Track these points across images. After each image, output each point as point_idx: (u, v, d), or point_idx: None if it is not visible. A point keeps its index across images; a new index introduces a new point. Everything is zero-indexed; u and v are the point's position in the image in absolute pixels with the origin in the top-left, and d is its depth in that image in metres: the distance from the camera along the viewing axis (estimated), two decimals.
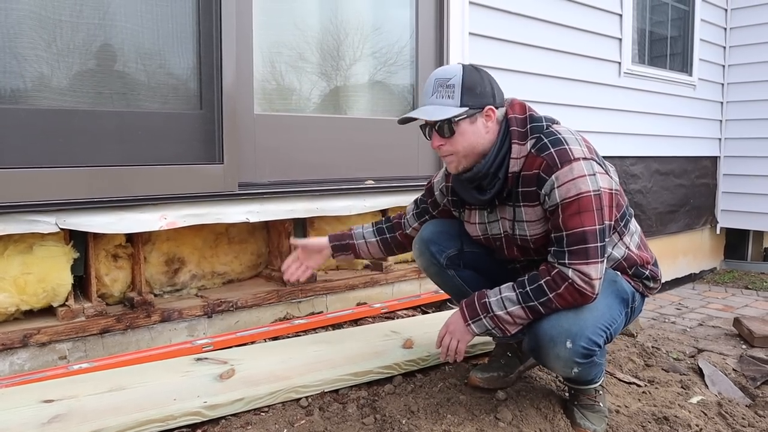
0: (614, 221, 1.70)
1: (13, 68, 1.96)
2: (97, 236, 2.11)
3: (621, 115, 4.62)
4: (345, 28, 2.90)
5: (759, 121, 5.56)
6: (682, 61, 5.35)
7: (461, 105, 1.63)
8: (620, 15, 4.47)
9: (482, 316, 1.67)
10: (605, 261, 1.64)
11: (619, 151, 4.63)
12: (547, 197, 1.62)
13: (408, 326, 2.37)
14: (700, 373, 2.36)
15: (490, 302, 1.67)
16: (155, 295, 2.34)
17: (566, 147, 1.62)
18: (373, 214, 2.87)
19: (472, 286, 1.86)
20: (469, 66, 1.68)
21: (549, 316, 1.62)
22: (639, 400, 2.03)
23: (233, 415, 1.68)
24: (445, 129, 1.66)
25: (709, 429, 1.89)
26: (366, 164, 2.88)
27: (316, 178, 2.70)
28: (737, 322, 3.25)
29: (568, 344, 1.59)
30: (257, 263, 2.70)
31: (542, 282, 1.61)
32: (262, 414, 1.71)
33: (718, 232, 5.92)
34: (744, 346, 2.97)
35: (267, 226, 2.69)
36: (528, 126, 1.68)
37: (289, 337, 2.28)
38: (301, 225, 2.62)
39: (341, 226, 2.77)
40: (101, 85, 2.14)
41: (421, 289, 2.96)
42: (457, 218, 1.93)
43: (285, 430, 1.64)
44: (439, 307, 2.78)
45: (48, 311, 2.08)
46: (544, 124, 1.69)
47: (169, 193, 2.20)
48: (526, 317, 1.64)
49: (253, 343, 2.20)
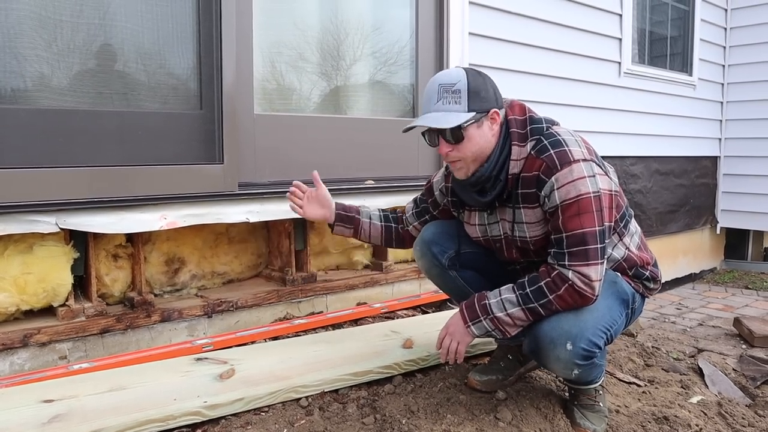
0: (614, 222, 1.70)
1: (13, 68, 1.97)
2: (97, 236, 2.12)
3: (621, 115, 4.62)
4: (345, 28, 2.90)
5: (759, 121, 5.56)
6: (682, 61, 5.35)
7: (469, 110, 1.60)
8: (620, 15, 4.47)
9: (482, 318, 1.67)
10: (605, 262, 1.64)
11: (619, 151, 4.63)
12: (546, 199, 1.61)
13: (408, 326, 2.37)
14: (700, 373, 2.36)
15: (490, 304, 1.66)
16: (155, 295, 2.34)
17: (566, 148, 1.61)
18: None
19: (474, 287, 1.85)
20: (471, 69, 1.67)
21: (549, 317, 1.62)
22: (639, 399, 2.03)
23: (233, 414, 1.68)
24: (454, 135, 1.62)
25: (709, 429, 1.89)
26: (366, 164, 2.89)
27: None
28: (737, 321, 3.25)
29: (569, 346, 1.58)
30: (257, 263, 2.70)
31: (542, 284, 1.61)
32: (262, 414, 1.71)
33: (718, 231, 5.92)
34: (744, 346, 2.97)
35: (267, 226, 2.69)
36: (528, 127, 1.67)
37: (289, 337, 2.28)
38: (301, 225, 2.62)
39: None
40: (101, 85, 2.14)
41: (421, 289, 2.96)
42: (458, 219, 1.93)
43: (285, 430, 1.64)
44: (439, 307, 2.78)
45: (48, 311, 2.08)
46: (544, 125, 1.68)
47: (169, 193, 2.20)
48: (527, 319, 1.64)
49: (253, 343, 2.20)
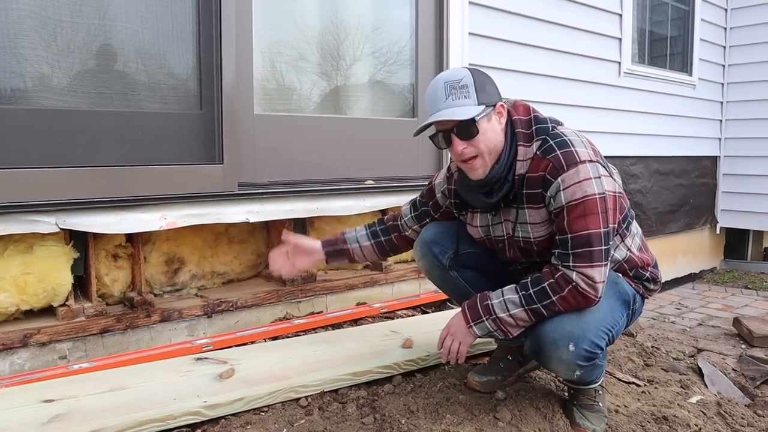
0: (617, 224, 1.69)
1: (13, 68, 1.97)
2: (97, 236, 2.12)
3: (621, 115, 4.62)
4: (345, 28, 2.90)
5: (759, 121, 5.55)
6: (682, 61, 5.35)
7: (479, 103, 1.60)
8: (620, 15, 4.47)
9: (484, 318, 1.66)
10: (609, 264, 1.63)
11: (619, 150, 4.63)
12: (552, 199, 1.61)
13: (407, 326, 2.37)
14: (700, 373, 2.36)
15: (492, 304, 1.66)
16: (155, 295, 2.34)
17: (572, 149, 1.60)
18: (373, 214, 2.87)
19: (475, 288, 1.85)
20: (471, 67, 1.67)
21: (551, 318, 1.61)
22: (638, 399, 2.03)
23: (233, 414, 1.69)
24: (469, 130, 1.60)
25: (709, 428, 1.89)
26: (366, 164, 2.89)
27: (315, 178, 2.70)
28: (737, 321, 3.25)
29: (571, 347, 1.58)
30: (257, 263, 2.70)
31: (546, 285, 1.60)
32: (261, 414, 1.71)
33: (718, 231, 5.92)
34: (743, 346, 2.97)
35: (267, 226, 2.69)
36: (533, 127, 1.67)
37: (288, 337, 2.28)
38: (300, 225, 2.62)
39: (341, 226, 2.77)
40: (101, 85, 2.14)
41: (420, 289, 2.97)
42: (458, 219, 1.92)
43: (284, 430, 1.64)
44: (439, 306, 2.78)
45: (48, 311, 2.08)
46: (550, 125, 1.68)
47: (169, 193, 2.20)
48: (529, 320, 1.63)
49: (252, 342, 2.20)
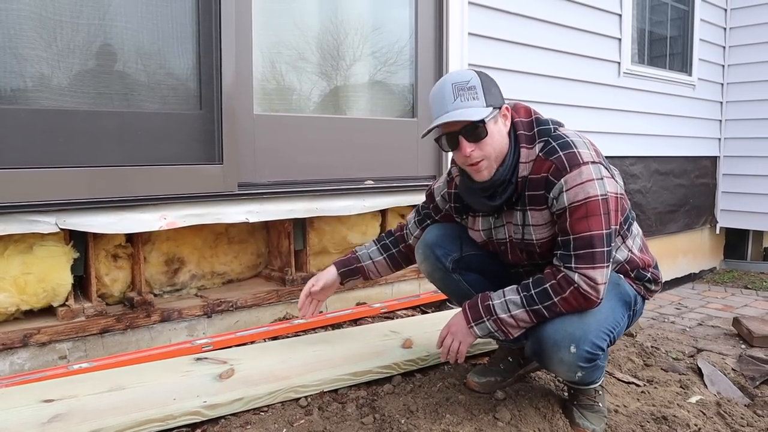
0: (618, 225, 1.69)
1: (13, 68, 1.97)
2: (97, 236, 2.12)
3: (620, 115, 4.62)
4: (345, 28, 2.90)
5: (759, 121, 5.55)
6: (681, 61, 5.35)
7: (486, 105, 1.59)
8: (620, 15, 4.47)
9: (485, 319, 1.66)
10: (611, 265, 1.63)
11: (618, 151, 4.63)
12: (555, 201, 1.60)
13: (407, 326, 2.37)
14: (699, 373, 2.36)
15: (493, 305, 1.65)
16: (155, 295, 2.35)
17: (575, 150, 1.60)
18: (373, 214, 2.87)
19: (477, 290, 1.82)
20: (477, 69, 1.67)
21: (553, 320, 1.61)
22: (638, 399, 2.03)
23: (233, 414, 1.69)
24: (478, 132, 1.59)
25: (708, 428, 1.89)
26: (366, 164, 2.89)
27: (315, 179, 2.70)
28: (736, 321, 3.25)
29: (572, 349, 1.58)
30: (257, 263, 2.71)
31: (547, 286, 1.60)
32: (261, 414, 1.71)
33: (718, 231, 5.92)
34: (743, 346, 2.97)
35: (267, 226, 2.69)
36: (535, 129, 1.67)
37: (288, 337, 2.28)
38: (300, 225, 2.62)
39: (341, 226, 2.78)
40: (101, 85, 2.14)
41: (420, 289, 2.97)
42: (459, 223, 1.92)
43: (284, 430, 1.64)
44: (439, 307, 2.78)
45: (48, 311, 2.08)
46: (551, 126, 1.68)
47: (169, 194, 2.20)
48: (530, 321, 1.63)
49: (252, 342, 2.20)
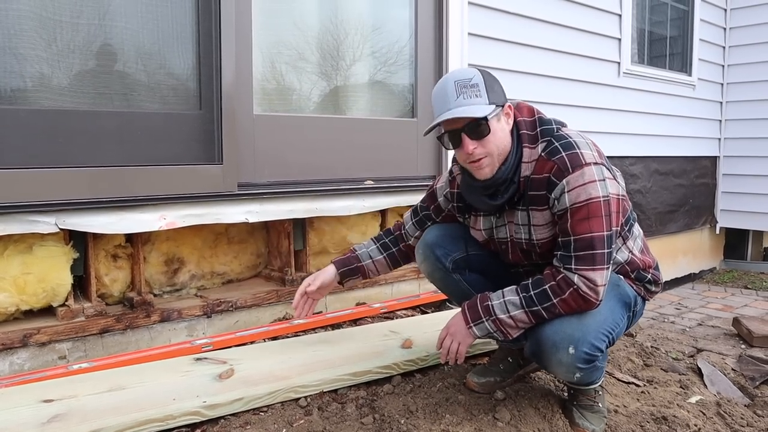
0: (619, 226, 1.68)
1: (13, 68, 1.97)
2: (96, 236, 2.12)
3: (620, 115, 4.62)
4: (345, 28, 2.90)
5: (759, 121, 5.55)
6: (681, 61, 5.35)
7: (489, 102, 1.59)
8: (619, 15, 4.47)
9: (484, 319, 1.66)
10: (611, 267, 1.63)
11: (618, 151, 4.63)
12: (556, 201, 1.60)
13: (407, 326, 2.37)
14: (699, 373, 2.36)
15: (492, 305, 1.65)
16: (155, 295, 2.35)
17: (578, 151, 1.60)
18: (373, 214, 2.87)
19: (477, 291, 1.81)
20: (480, 68, 1.66)
21: (552, 321, 1.61)
22: (638, 399, 2.03)
23: (232, 414, 1.69)
24: (481, 129, 1.59)
25: (708, 429, 1.89)
26: (365, 164, 2.89)
27: (315, 179, 2.70)
28: (736, 321, 3.25)
29: (571, 350, 1.58)
30: (257, 263, 2.70)
31: (547, 287, 1.60)
32: (261, 414, 1.71)
33: (718, 231, 5.92)
34: (743, 346, 2.97)
35: (266, 227, 2.69)
36: (538, 129, 1.66)
37: (288, 337, 2.28)
38: (300, 225, 2.62)
39: (341, 226, 2.78)
40: (101, 86, 2.14)
41: (420, 289, 2.97)
42: (461, 223, 1.91)
43: (284, 430, 1.64)
44: (439, 307, 2.78)
45: (48, 311, 2.08)
46: (554, 126, 1.67)
47: (169, 194, 2.20)
48: (529, 322, 1.63)
49: (252, 343, 2.20)
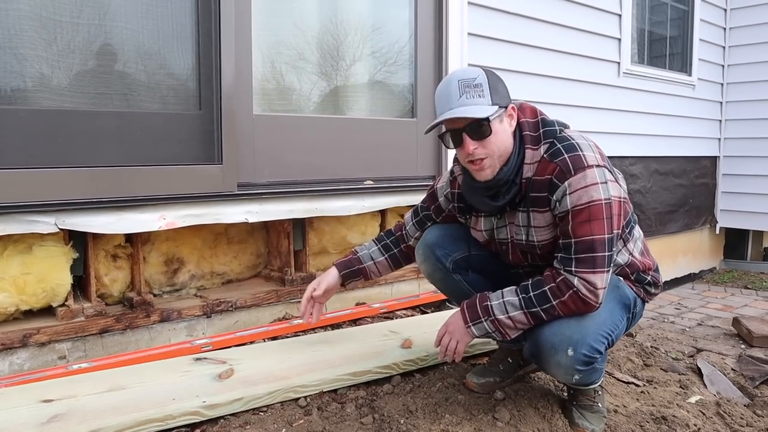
0: (620, 229, 1.68)
1: (13, 68, 1.97)
2: (96, 236, 2.12)
3: (620, 115, 4.62)
4: (344, 28, 2.90)
5: (758, 121, 5.55)
6: (681, 61, 5.35)
7: (492, 103, 1.58)
8: (619, 15, 4.47)
9: (483, 319, 1.66)
10: (611, 270, 1.62)
11: (618, 151, 4.63)
12: (558, 203, 1.60)
13: (407, 326, 2.37)
14: (699, 373, 2.36)
15: (491, 305, 1.65)
16: (154, 295, 2.34)
17: (580, 153, 1.59)
18: (372, 214, 2.88)
19: (478, 291, 1.80)
20: (484, 68, 1.66)
21: (551, 322, 1.61)
22: (637, 399, 2.03)
23: (232, 414, 1.69)
24: (482, 130, 1.58)
25: (708, 428, 1.89)
26: (365, 164, 2.89)
27: (315, 179, 2.70)
28: (736, 321, 3.25)
29: (570, 352, 1.58)
30: (256, 263, 2.70)
31: (546, 288, 1.60)
32: (260, 414, 1.71)
33: (718, 231, 5.92)
34: (743, 346, 2.97)
35: (266, 227, 2.69)
36: (541, 130, 1.66)
37: (288, 337, 2.28)
38: (300, 225, 2.62)
39: (341, 226, 2.78)
40: (101, 86, 2.14)
41: (420, 289, 2.97)
42: (462, 223, 1.91)
43: (284, 430, 1.64)
44: (438, 307, 2.78)
45: (47, 311, 2.08)
46: (557, 128, 1.67)
47: (169, 194, 2.20)
48: (528, 323, 1.63)
49: (252, 343, 2.20)
